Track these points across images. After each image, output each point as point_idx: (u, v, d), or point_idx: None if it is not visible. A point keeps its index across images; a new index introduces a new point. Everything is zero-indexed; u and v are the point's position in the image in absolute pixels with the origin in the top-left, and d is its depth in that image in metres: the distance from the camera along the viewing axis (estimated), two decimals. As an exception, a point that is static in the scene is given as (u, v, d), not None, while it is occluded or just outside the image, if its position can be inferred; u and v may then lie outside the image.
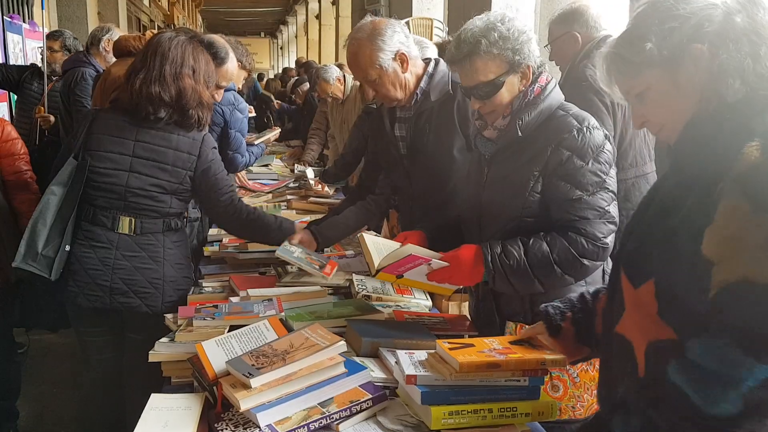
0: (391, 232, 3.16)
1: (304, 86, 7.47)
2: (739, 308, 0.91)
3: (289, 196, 3.84)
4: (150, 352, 1.71)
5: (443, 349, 1.42)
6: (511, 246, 1.70)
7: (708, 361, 0.93)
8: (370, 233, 2.27)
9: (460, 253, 1.74)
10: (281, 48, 29.23)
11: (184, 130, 2.17)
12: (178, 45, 2.15)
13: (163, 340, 1.76)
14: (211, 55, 2.35)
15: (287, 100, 9.16)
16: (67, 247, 2.14)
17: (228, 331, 1.74)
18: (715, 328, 0.93)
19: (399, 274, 1.76)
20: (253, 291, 2.10)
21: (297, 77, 9.09)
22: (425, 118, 2.23)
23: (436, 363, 1.42)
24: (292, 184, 4.21)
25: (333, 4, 13.57)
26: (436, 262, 1.73)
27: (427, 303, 2.18)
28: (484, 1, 4.71)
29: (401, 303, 2.13)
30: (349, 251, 2.63)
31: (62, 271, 2.15)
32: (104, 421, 2.40)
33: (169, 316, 1.97)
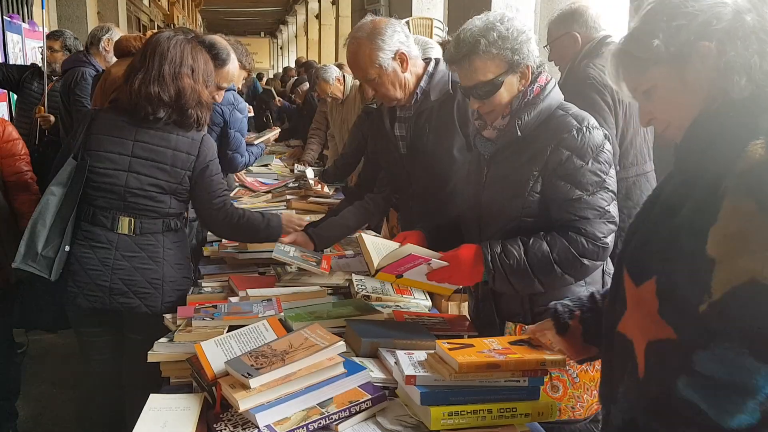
0: (391, 232, 3.16)
1: (304, 86, 7.46)
2: (747, 311, 0.89)
3: (288, 196, 3.83)
4: (149, 353, 1.71)
5: (443, 350, 1.42)
6: (511, 245, 1.69)
7: (719, 372, 0.91)
8: (369, 233, 2.27)
9: (459, 252, 1.74)
10: (281, 48, 29.23)
11: (183, 130, 2.17)
12: (177, 44, 2.14)
13: (162, 340, 1.75)
14: (213, 57, 2.35)
15: (287, 99, 9.16)
16: (67, 248, 2.14)
17: (227, 332, 1.73)
18: (722, 336, 0.91)
19: (398, 274, 1.76)
20: (253, 291, 2.10)
21: (297, 77, 9.09)
22: (425, 118, 2.23)
23: (436, 363, 1.42)
24: (292, 184, 4.21)
25: (333, 4, 13.57)
26: (435, 262, 1.72)
27: (427, 303, 2.17)
28: (484, 1, 4.71)
29: (401, 303, 2.13)
30: (349, 251, 2.62)
31: (62, 272, 2.15)
32: (104, 421, 2.40)
33: (168, 316, 1.97)
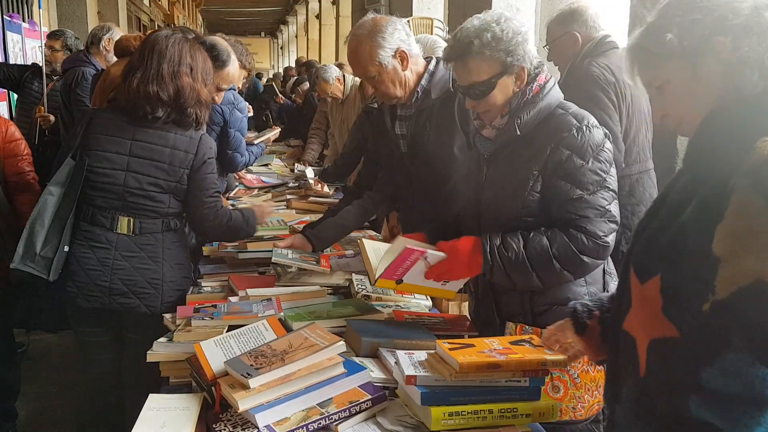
0: (391, 232, 3.15)
1: (304, 86, 7.46)
2: (752, 312, 0.87)
3: (288, 196, 3.82)
4: (148, 352, 1.70)
5: (443, 350, 1.41)
6: (511, 239, 1.69)
7: (730, 386, 0.89)
8: (370, 239, 2.26)
9: (458, 243, 1.73)
10: (281, 48, 29.25)
11: (182, 129, 2.16)
12: (176, 43, 2.13)
13: (162, 340, 1.74)
14: (213, 58, 2.34)
15: (287, 98, 9.15)
16: (66, 248, 2.13)
17: (227, 331, 1.73)
18: (725, 337, 0.88)
19: (398, 279, 1.75)
20: (252, 291, 2.09)
21: (297, 77, 9.09)
22: (426, 116, 2.23)
23: (436, 363, 1.41)
24: (292, 184, 4.20)
25: (333, 3, 13.58)
26: (431, 254, 1.71)
27: (427, 303, 2.17)
28: (485, 1, 4.71)
29: (401, 303, 2.13)
30: (349, 251, 2.62)
31: (61, 272, 2.15)
32: (103, 421, 2.39)
33: (167, 316, 1.97)
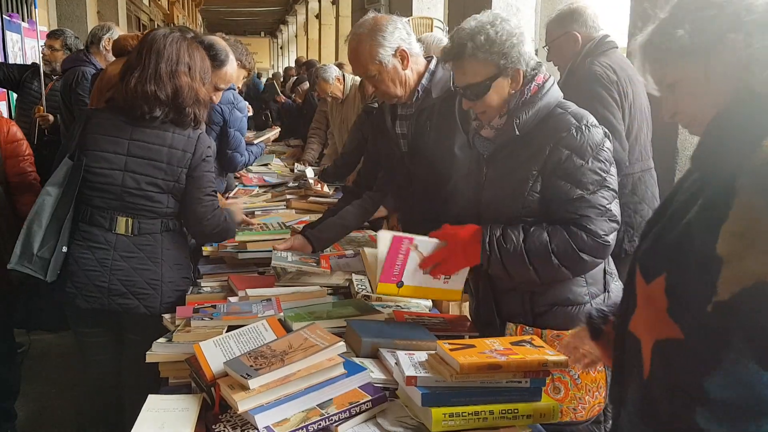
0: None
1: (304, 85, 7.45)
2: (756, 314, 0.86)
3: (288, 196, 3.81)
4: (147, 353, 1.70)
5: (444, 350, 1.40)
6: (511, 231, 1.69)
7: (735, 396, 0.88)
8: (372, 237, 2.26)
9: (460, 231, 1.73)
10: (281, 48, 29.24)
11: (180, 128, 2.15)
12: (173, 42, 2.12)
13: (161, 340, 1.74)
14: (211, 57, 2.33)
15: (287, 98, 9.15)
16: (65, 248, 2.12)
17: (226, 332, 1.72)
18: (727, 339, 0.87)
19: (398, 281, 1.75)
20: (252, 291, 2.09)
21: (297, 76, 9.08)
22: (426, 116, 2.22)
23: (437, 364, 1.40)
24: (292, 184, 4.20)
25: (333, 3, 13.57)
26: (420, 240, 1.72)
27: (427, 303, 2.16)
28: (485, 1, 4.70)
29: (401, 303, 2.12)
30: (349, 251, 2.61)
31: (60, 273, 2.14)
32: (103, 422, 2.39)
33: (167, 316, 1.96)
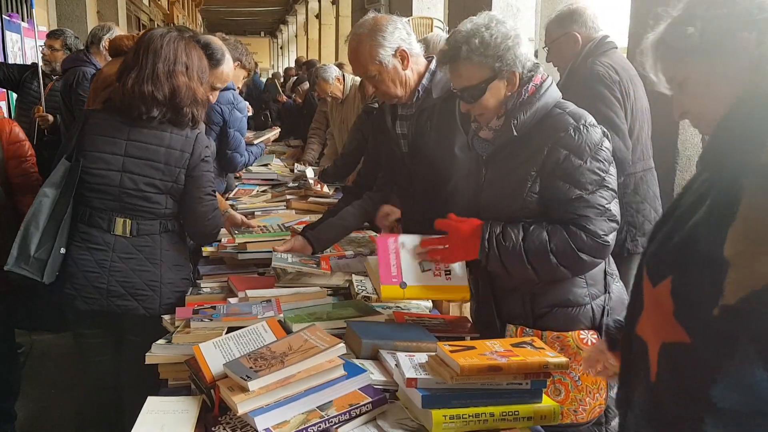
0: (391, 233, 3.14)
1: (304, 85, 7.44)
2: (764, 318, 0.84)
3: (288, 196, 3.81)
4: (147, 354, 1.69)
5: (444, 352, 1.40)
6: (512, 229, 1.69)
7: (742, 403, 0.86)
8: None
9: (461, 222, 1.74)
10: (281, 47, 29.23)
11: (177, 128, 2.14)
12: (170, 41, 2.12)
13: (160, 341, 1.74)
14: (207, 57, 2.32)
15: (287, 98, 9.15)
16: (62, 250, 2.12)
17: (226, 333, 1.72)
18: (734, 344, 0.86)
19: (400, 282, 1.75)
20: (252, 292, 2.08)
21: (297, 76, 9.07)
22: (427, 116, 2.22)
23: (437, 366, 1.40)
24: (292, 184, 4.19)
25: (333, 3, 13.55)
26: (404, 237, 1.79)
27: (428, 304, 2.16)
28: (485, 0, 4.70)
29: (401, 304, 2.11)
30: (349, 251, 2.61)
31: (59, 274, 2.13)
32: (103, 423, 2.38)
33: (166, 317, 1.95)
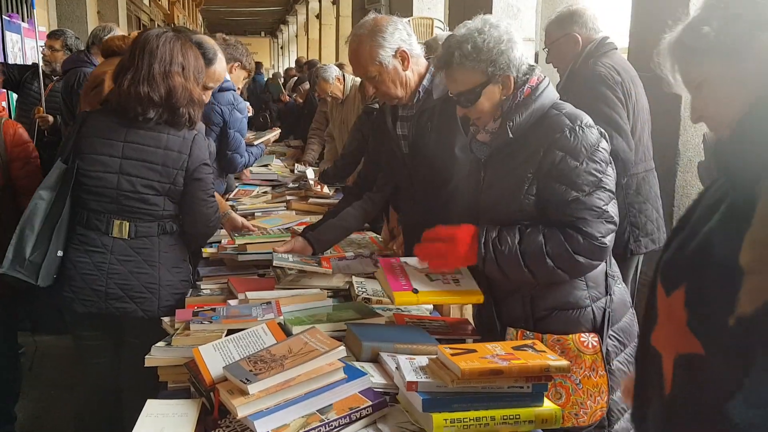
0: (391, 234, 3.13)
1: (305, 85, 7.44)
2: None
3: (288, 197, 3.80)
4: (146, 357, 1.68)
5: (445, 355, 1.39)
6: (507, 232, 1.68)
7: (765, 416, 0.82)
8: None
9: (458, 231, 1.73)
10: (281, 48, 29.23)
11: (174, 129, 2.13)
12: (167, 42, 2.11)
13: (160, 344, 1.73)
14: None
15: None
16: (60, 253, 2.11)
17: (226, 335, 1.71)
18: (750, 356, 0.83)
19: (413, 288, 1.76)
20: (252, 294, 2.07)
21: (297, 76, 9.07)
22: (427, 117, 2.21)
23: (438, 369, 1.39)
24: (292, 185, 4.18)
25: (333, 3, 13.55)
26: (405, 259, 1.84)
27: (428, 306, 2.15)
28: (485, 1, 4.69)
29: (401, 306, 2.10)
30: (349, 253, 2.60)
31: (58, 277, 2.13)
32: (102, 425, 2.37)
33: (166, 320, 1.94)
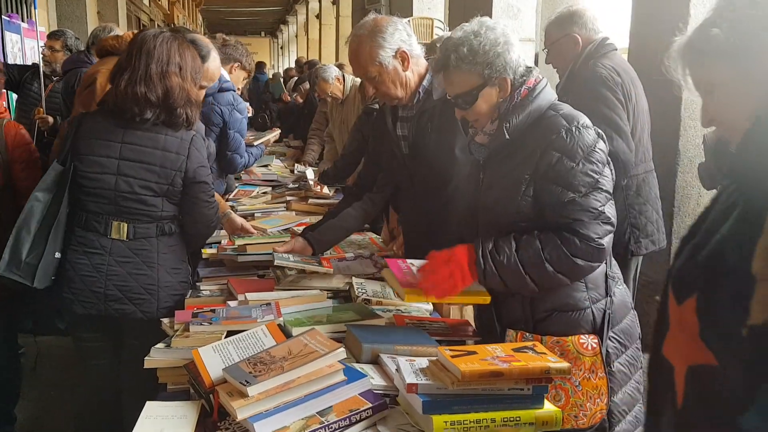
0: (391, 234, 3.13)
1: (305, 85, 7.44)
2: None
3: (288, 198, 3.80)
4: (146, 359, 1.68)
5: (445, 357, 1.39)
6: (503, 242, 1.67)
7: None
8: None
9: (455, 252, 1.71)
10: (281, 48, 29.25)
11: (172, 130, 2.13)
12: (164, 42, 2.10)
13: (159, 345, 1.72)
14: None
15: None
16: (57, 254, 2.11)
17: (225, 336, 1.71)
18: (763, 367, 0.81)
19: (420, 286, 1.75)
20: (251, 295, 2.07)
21: (297, 77, 9.07)
22: (427, 117, 2.21)
23: (438, 371, 1.39)
24: (292, 185, 4.18)
25: (333, 3, 13.56)
26: (411, 261, 1.81)
27: (428, 307, 2.15)
28: (485, 1, 4.69)
29: (402, 307, 2.10)
30: (349, 253, 2.60)
31: (57, 278, 2.12)
32: (102, 426, 2.37)
33: (165, 321, 1.94)
